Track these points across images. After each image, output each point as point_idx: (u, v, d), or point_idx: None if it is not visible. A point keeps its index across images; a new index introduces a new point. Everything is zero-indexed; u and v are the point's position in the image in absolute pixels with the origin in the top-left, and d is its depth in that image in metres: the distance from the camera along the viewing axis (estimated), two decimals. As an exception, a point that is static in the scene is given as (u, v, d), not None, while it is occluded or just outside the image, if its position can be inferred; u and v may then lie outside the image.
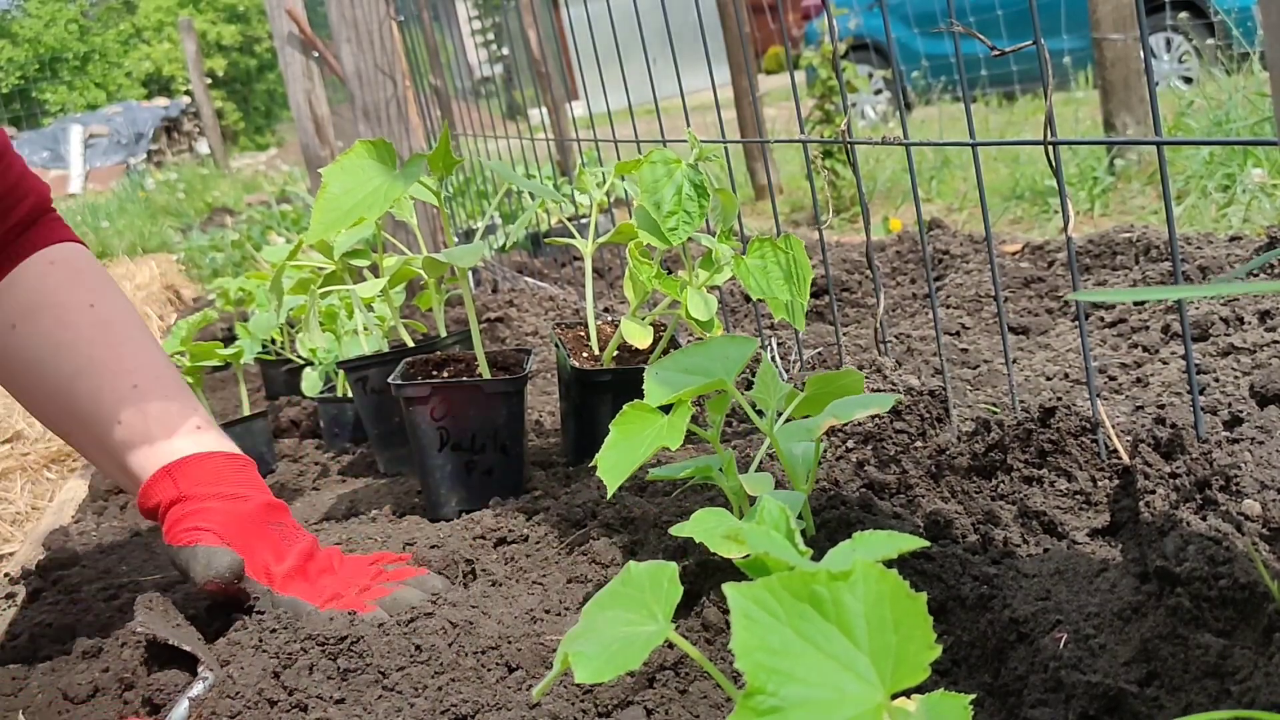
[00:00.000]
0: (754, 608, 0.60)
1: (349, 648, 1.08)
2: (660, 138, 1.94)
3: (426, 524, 1.51)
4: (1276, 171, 3.51)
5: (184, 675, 1.11)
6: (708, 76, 1.94)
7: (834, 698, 0.58)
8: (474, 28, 7.14)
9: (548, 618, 1.14)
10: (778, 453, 1.14)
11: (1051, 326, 2.14)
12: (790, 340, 2.10)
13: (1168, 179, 1.13)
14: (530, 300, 3.00)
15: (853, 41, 6.48)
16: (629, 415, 1.09)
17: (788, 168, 6.44)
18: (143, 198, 11.20)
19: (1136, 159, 4.22)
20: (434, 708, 1.00)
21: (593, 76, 2.35)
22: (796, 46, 9.18)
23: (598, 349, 1.72)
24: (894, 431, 1.44)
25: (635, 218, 1.53)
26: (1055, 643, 0.90)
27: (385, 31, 3.47)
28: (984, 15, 6.69)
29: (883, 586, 0.61)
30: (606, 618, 0.79)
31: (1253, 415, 1.27)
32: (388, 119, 3.56)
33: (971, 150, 1.32)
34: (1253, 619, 0.86)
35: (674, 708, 0.95)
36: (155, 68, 22.17)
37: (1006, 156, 5.00)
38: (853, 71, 5.57)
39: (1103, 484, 1.23)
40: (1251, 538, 1.01)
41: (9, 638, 1.41)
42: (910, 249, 2.92)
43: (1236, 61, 4.96)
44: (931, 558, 1.05)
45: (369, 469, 1.96)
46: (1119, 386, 1.64)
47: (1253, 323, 1.77)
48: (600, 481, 1.42)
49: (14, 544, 2.21)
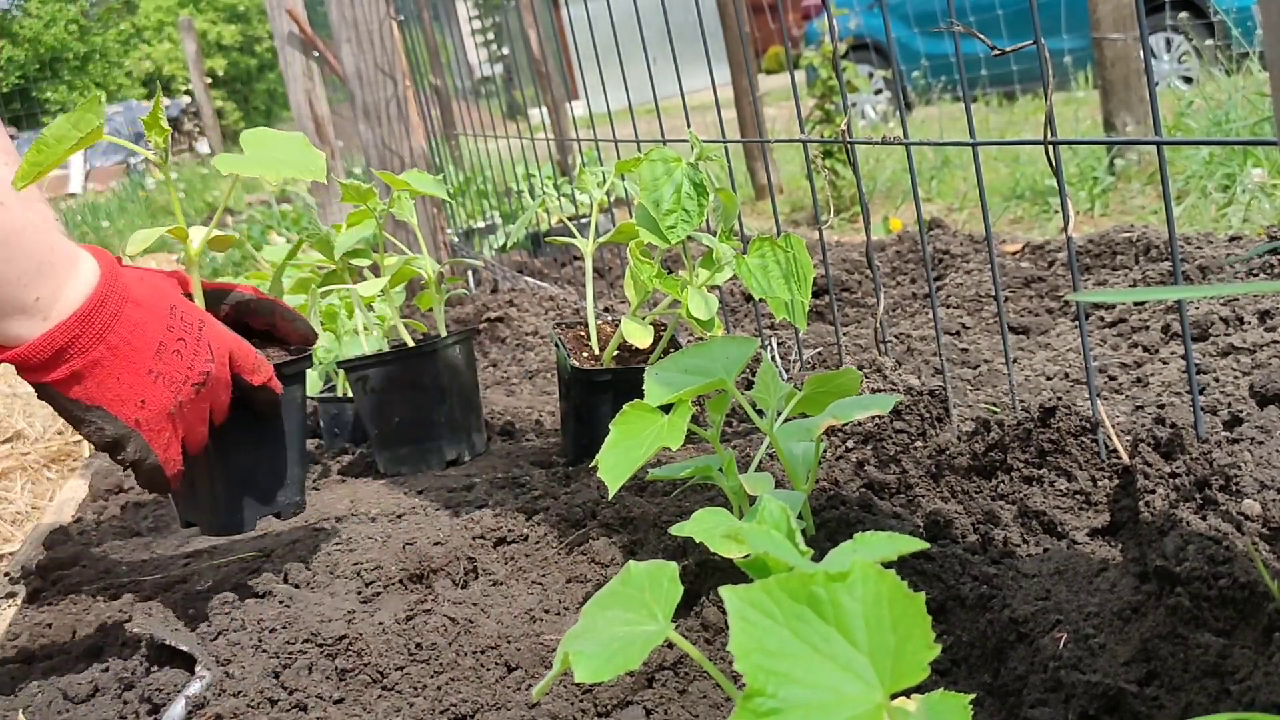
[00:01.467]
0: (751, 610, 0.60)
1: (348, 647, 1.08)
2: (660, 137, 1.94)
3: (427, 523, 1.51)
4: (1276, 171, 3.51)
5: (183, 675, 1.11)
6: (708, 76, 1.94)
7: (833, 699, 0.58)
8: (474, 27, 7.14)
9: (547, 617, 1.14)
10: (778, 452, 1.14)
11: (1051, 326, 2.14)
12: (790, 340, 2.10)
13: (1168, 179, 1.13)
14: (530, 300, 3.00)
15: (853, 41, 6.48)
16: (629, 415, 1.09)
17: (788, 167, 6.44)
18: (143, 197, 11.21)
19: (1136, 159, 4.22)
20: (433, 707, 1.00)
21: (593, 76, 2.35)
22: (796, 46, 9.18)
23: (598, 349, 1.72)
24: (894, 431, 1.44)
25: (635, 216, 1.53)
26: (1055, 642, 0.90)
27: (385, 31, 3.47)
28: (984, 15, 6.69)
29: (881, 587, 0.61)
30: (606, 617, 0.79)
31: (1253, 415, 1.27)
32: (388, 118, 3.56)
33: (971, 150, 1.32)
34: (1252, 618, 0.86)
35: (674, 708, 0.95)
36: (155, 67, 22.19)
37: (1006, 156, 5.00)
38: (853, 71, 5.57)
39: (1103, 484, 1.23)
40: (1251, 537, 1.01)
41: (9, 638, 1.41)
42: (910, 249, 2.92)
43: (1236, 61, 4.96)
44: (931, 558, 1.05)
45: (369, 469, 1.96)
46: (1119, 386, 1.64)
47: (1253, 323, 1.77)
48: (600, 481, 1.42)
49: (14, 544, 2.21)
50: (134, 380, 1.10)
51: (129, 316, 1.10)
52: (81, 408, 1.09)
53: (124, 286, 1.12)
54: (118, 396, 1.09)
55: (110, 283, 1.10)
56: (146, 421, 1.11)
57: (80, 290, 1.08)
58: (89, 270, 1.09)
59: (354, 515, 1.64)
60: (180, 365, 1.13)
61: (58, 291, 1.06)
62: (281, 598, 1.24)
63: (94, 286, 1.08)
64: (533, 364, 2.58)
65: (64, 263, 1.07)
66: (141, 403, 1.10)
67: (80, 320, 1.06)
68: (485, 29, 7.32)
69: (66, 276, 1.07)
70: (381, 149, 3.58)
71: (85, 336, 1.07)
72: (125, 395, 1.09)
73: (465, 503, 1.59)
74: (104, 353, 1.08)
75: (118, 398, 1.09)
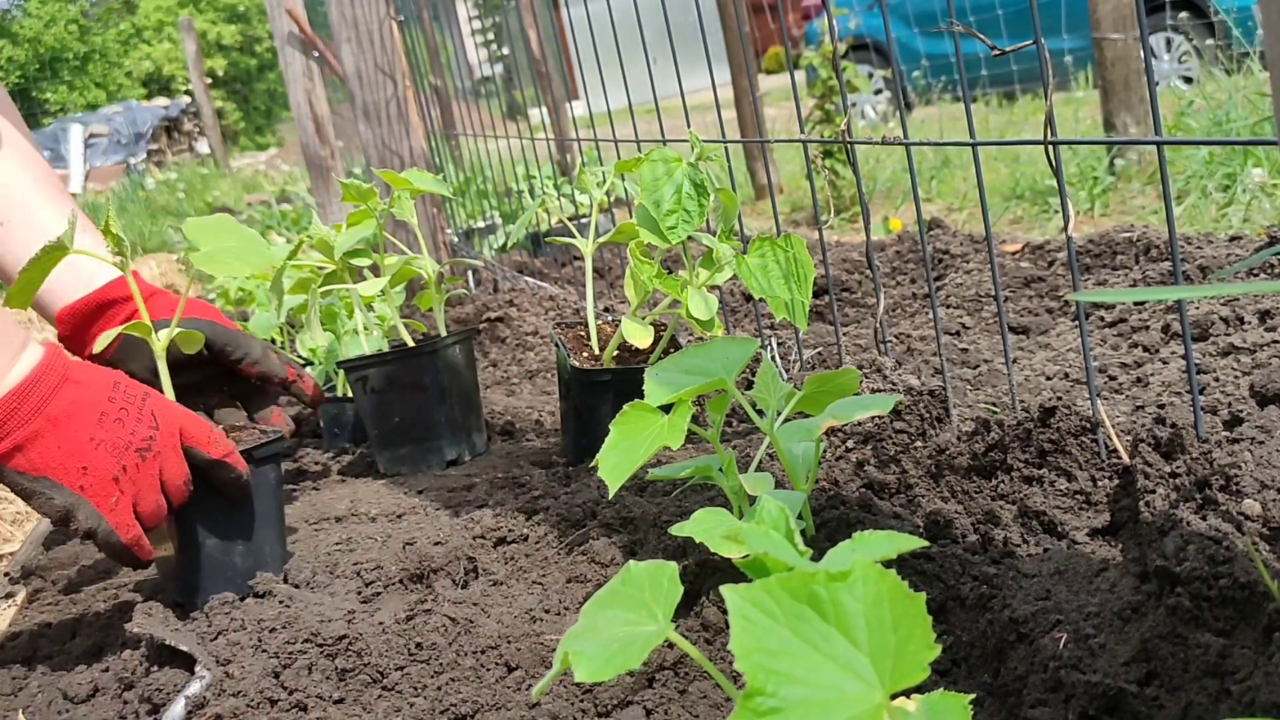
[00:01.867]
0: (752, 609, 0.60)
1: (348, 647, 1.08)
2: (660, 137, 1.94)
3: (427, 523, 1.51)
4: (1276, 171, 3.51)
5: (183, 675, 1.11)
6: (708, 76, 1.94)
7: (833, 698, 0.58)
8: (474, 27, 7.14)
9: (547, 617, 1.14)
10: (778, 452, 1.14)
11: (1051, 326, 2.14)
12: (790, 340, 2.10)
13: (1168, 179, 1.13)
14: (530, 300, 3.00)
15: (853, 41, 6.48)
16: (629, 415, 1.09)
17: (788, 167, 6.44)
18: (143, 197, 11.21)
19: (1136, 159, 4.22)
20: (433, 707, 1.00)
21: (593, 76, 2.35)
22: (796, 46, 9.18)
23: (598, 348, 1.72)
24: (894, 431, 1.44)
25: (635, 216, 1.53)
26: (1055, 642, 0.90)
27: (385, 31, 3.47)
28: (984, 15, 6.69)
29: (881, 587, 0.61)
30: (606, 617, 0.79)
31: (1253, 415, 1.27)
32: (388, 119, 3.56)
33: (971, 150, 1.32)
34: (1252, 618, 0.86)
35: (674, 708, 0.95)
36: (155, 67, 22.18)
37: (1006, 156, 5.00)
38: (853, 71, 5.57)
39: (1103, 484, 1.23)
40: (1251, 537, 1.01)
41: (9, 638, 1.41)
42: (910, 249, 2.92)
43: (1236, 61, 4.96)
44: (931, 558, 1.05)
45: (369, 469, 1.96)
46: (1119, 386, 1.64)
47: (1253, 323, 1.77)
48: (600, 481, 1.42)
49: (14, 544, 2.21)
50: (75, 448, 1.15)
51: (67, 392, 1.16)
52: (29, 479, 1.14)
53: (65, 366, 1.18)
54: (60, 464, 1.15)
55: (50, 363, 1.17)
56: (91, 486, 1.16)
57: (21, 370, 1.14)
58: (32, 354, 1.16)
59: (354, 515, 1.64)
60: (122, 431, 1.18)
61: (2, 373, 1.13)
62: (281, 597, 1.24)
63: (34, 366, 1.15)
64: (533, 364, 2.58)
65: (12, 347, 1.14)
66: (84, 468, 1.16)
67: (18, 395, 1.13)
68: (485, 29, 7.32)
69: (11, 360, 1.14)
70: (381, 149, 3.58)
71: (24, 409, 1.13)
72: (67, 462, 1.15)
73: (465, 503, 1.59)
74: (43, 424, 1.14)
75: (60, 465, 1.15)
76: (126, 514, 1.19)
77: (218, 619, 1.20)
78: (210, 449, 1.25)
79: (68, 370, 1.18)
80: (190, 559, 1.30)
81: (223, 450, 1.27)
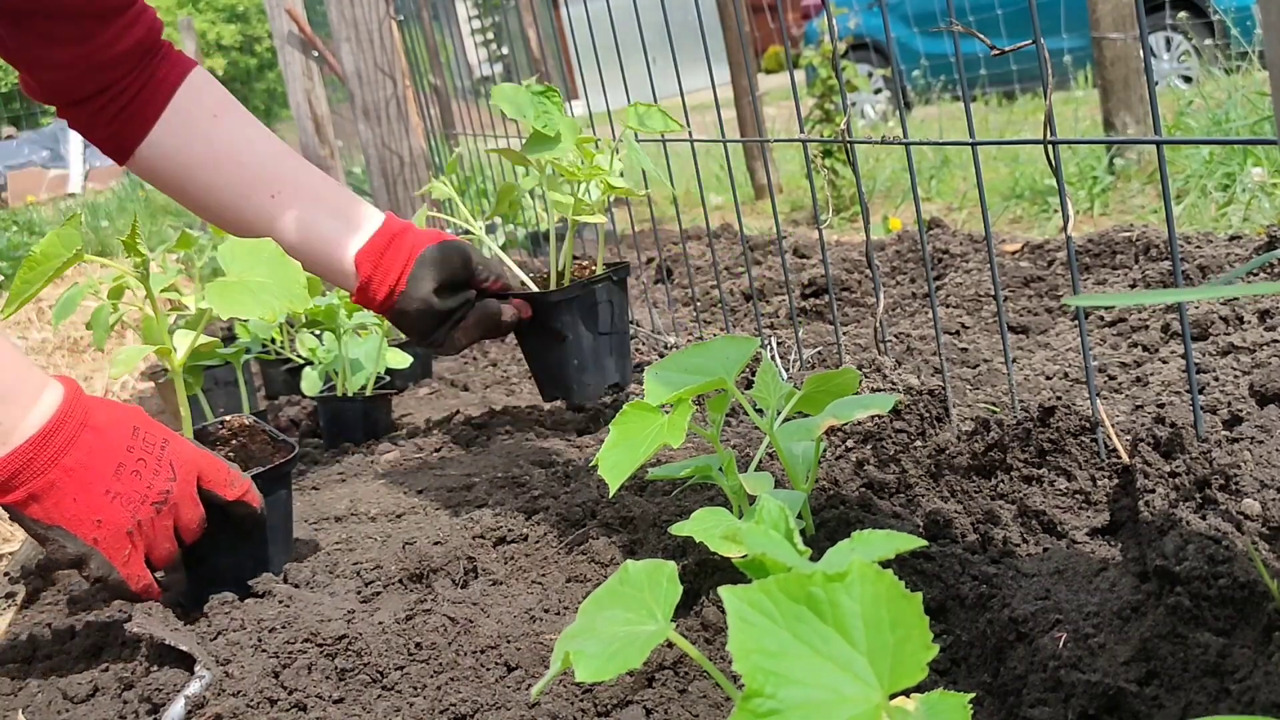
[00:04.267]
0: (750, 610, 0.60)
1: (347, 647, 1.08)
2: (660, 137, 1.94)
3: (427, 523, 1.51)
4: (1276, 171, 3.51)
5: (183, 675, 1.11)
6: (707, 76, 1.94)
7: (832, 698, 0.58)
8: (474, 27, 7.14)
9: (547, 617, 1.14)
10: (778, 452, 1.14)
11: (1051, 326, 2.14)
12: (790, 340, 2.11)
13: (1167, 178, 1.13)
14: (530, 300, 2.99)
15: (852, 41, 6.48)
16: (629, 415, 1.09)
17: (787, 167, 6.44)
18: (143, 197, 11.20)
19: (1136, 158, 4.22)
20: (433, 707, 1.00)
21: (593, 76, 2.35)
22: (796, 46, 9.18)
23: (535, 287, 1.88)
24: (894, 431, 1.44)
25: None
26: (1055, 642, 0.90)
27: (385, 31, 3.47)
28: (984, 14, 6.69)
29: (879, 587, 0.61)
30: (605, 617, 0.79)
31: (1252, 414, 1.27)
32: (387, 118, 3.56)
33: (971, 149, 1.32)
34: (1252, 618, 0.86)
35: (673, 707, 0.95)
36: (155, 67, 22.13)
37: (1006, 156, 5.00)
38: (853, 71, 5.57)
39: (1102, 483, 1.23)
40: (1251, 537, 1.01)
41: (9, 638, 1.41)
42: (910, 248, 2.92)
43: (1236, 61, 4.96)
44: (931, 557, 1.05)
45: (369, 468, 1.96)
46: (1119, 386, 1.64)
47: (1253, 322, 1.77)
48: (600, 481, 1.42)
49: (14, 544, 2.21)
50: (90, 500, 1.14)
51: (85, 441, 1.15)
52: (42, 526, 1.14)
53: (84, 411, 1.17)
54: (75, 516, 1.14)
55: (69, 409, 1.15)
56: (104, 540, 1.16)
57: (39, 417, 1.13)
58: (51, 398, 1.15)
59: (354, 515, 1.64)
60: (139, 485, 1.17)
61: (19, 419, 1.11)
62: (281, 597, 1.24)
63: (53, 412, 1.14)
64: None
65: (30, 391, 1.13)
66: (98, 522, 1.15)
67: (35, 446, 1.12)
68: (485, 29, 7.32)
69: (30, 404, 1.12)
70: (381, 149, 3.58)
71: (39, 460, 1.12)
72: (81, 515, 1.14)
73: (465, 502, 1.59)
74: (59, 475, 1.13)
75: (75, 517, 1.14)
76: (139, 566, 1.20)
77: (217, 619, 1.20)
78: (227, 491, 1.26)
79: (87, 415, 1.17)
80: (200, 576, 1.32)
81: (239, 491, 1.27)
